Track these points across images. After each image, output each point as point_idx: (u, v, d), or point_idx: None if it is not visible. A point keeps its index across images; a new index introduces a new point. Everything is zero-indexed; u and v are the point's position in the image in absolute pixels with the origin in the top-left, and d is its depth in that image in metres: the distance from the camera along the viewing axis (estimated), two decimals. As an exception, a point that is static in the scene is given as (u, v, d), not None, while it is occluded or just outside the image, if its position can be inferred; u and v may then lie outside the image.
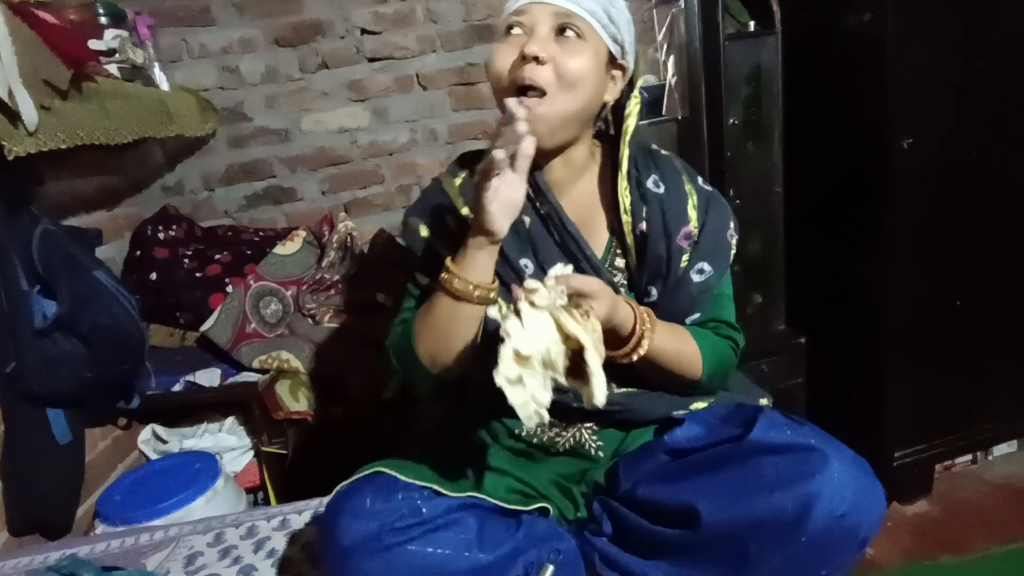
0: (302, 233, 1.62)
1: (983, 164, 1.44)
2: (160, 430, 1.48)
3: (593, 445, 0.89)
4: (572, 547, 0.84)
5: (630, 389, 0.88)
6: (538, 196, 0.87)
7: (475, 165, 0.87)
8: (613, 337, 0.78)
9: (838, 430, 0.76)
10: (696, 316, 0.87)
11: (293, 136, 1.79)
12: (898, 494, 1.55)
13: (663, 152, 0.93)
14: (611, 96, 0.87)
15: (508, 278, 0.84)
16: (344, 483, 0.79)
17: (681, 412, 0.87)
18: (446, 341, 0.80)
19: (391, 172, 1.86)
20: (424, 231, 0.90)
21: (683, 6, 1.56)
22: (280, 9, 1.72)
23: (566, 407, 0.84)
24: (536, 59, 0.77)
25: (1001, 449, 1.67)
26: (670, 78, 1.62)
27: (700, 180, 0.92)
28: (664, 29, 1.63)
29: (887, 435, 1.52)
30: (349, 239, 1.60)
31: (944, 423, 1.55)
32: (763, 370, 1.60)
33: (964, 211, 1.45)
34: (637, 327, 0.79)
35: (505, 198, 0.73)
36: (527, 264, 0.87)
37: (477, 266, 0.77)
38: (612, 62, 0.85)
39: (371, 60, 1.79)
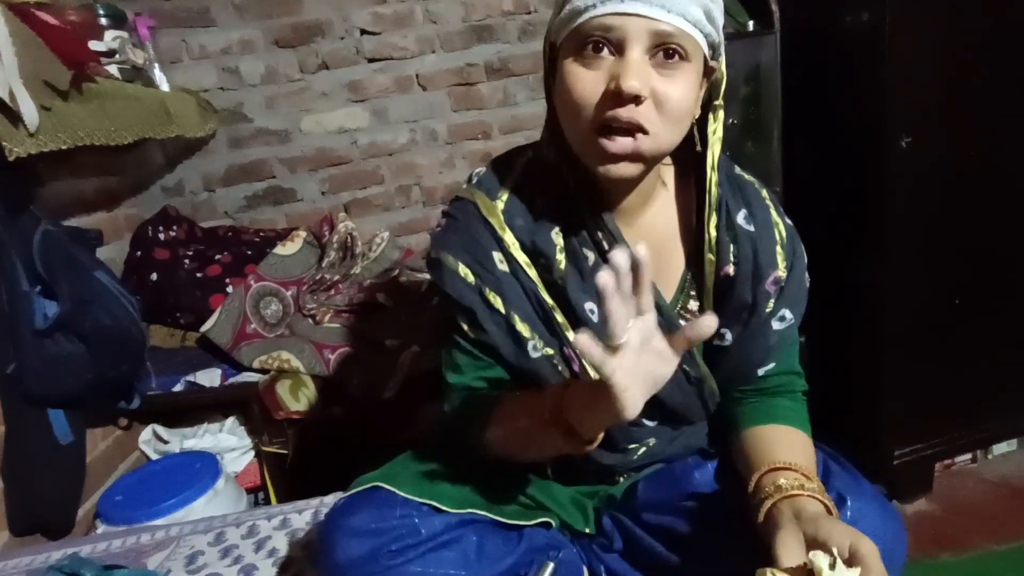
0: (302, 233, 1.62)
1: (982, 162, 1.44)
2: (161, 430, 1.48)
3: (623, 476, 0.86)
4: (571, 557, 0.82)
5: (668, 439, 0.82)
6: (601, 231, 0.73)
7: (517, 177, 0.76)
8: None
9: (838, 429, 0.76)
10: (770, 367, 0.77)
11: (293, 137, 1.80)
12: (898, 492, 1.55)
13: (746, 176, 0.79)
14: (697, 110, 0.71)
15: (571, 324, 0.74)
16: (341, 497, 0.76)
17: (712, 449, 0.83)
18: (530, 452, 0.73)
19: (391, 172, 1.86)
20: (467, 273, 0.73)
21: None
22: (280, 10, 1.72)
23: (611, 467, 0.81)
24: (637, 101, 0.62)
25: (1001, 448, 1.68)
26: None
27: (782, 211, 0.79)
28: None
29: (887, 433, 1.53)
30: (349, 239, 1.61)
31: (944, 422, 1.56)
32: (762, 369, 1.60)
33: (963, 209, 1.45)
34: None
35: (647, 374, 0.55)
36: (593, 309, 0.73)
37: (594, 428, 0.62)
38: (705, 68, 0.68)
39: (371, 61, 1.79)
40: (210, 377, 1.41)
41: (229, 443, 1.46)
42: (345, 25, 1.76)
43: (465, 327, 0.75)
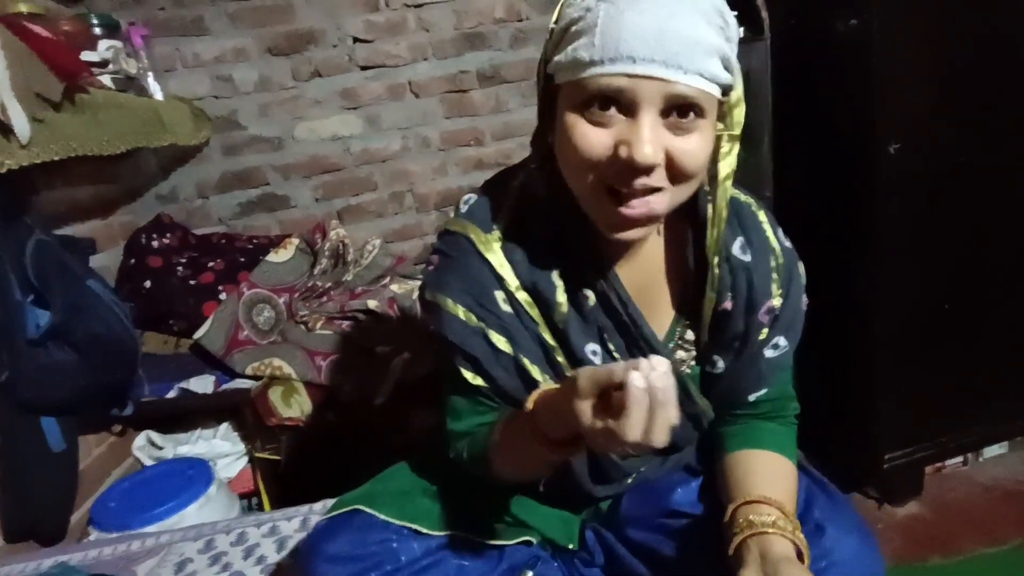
0: (295, 240, 1.63)
1: (971, 168, 1.45)
2: (155, 436, 1.49)
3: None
4: (552, 570, 0.82)
5: (659, 464, 0.82)
6: (595, 269, 0.70)
7: (511, 208, 0.71)
8: None
9: (829, 433, 0.77)
10: (762, 392, 0.75)
11: (286, 144, 1.81)
12: (888, 495, 1.55)
13: (742, 197, 0.74)
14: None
15: (570, 365, 0.72)
16: (321, 520, 0.76)
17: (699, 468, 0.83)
18: (531, 469, 0.71)
19: (384, 179, 1.87)
20: (469, 317, 0.69)
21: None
22: (273, 18, 1.74)
23: (602, 498, 0.81)
24: (649, 170, 0.57)
25: (992, 451, 1.68)
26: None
27: (780, 232, 0.75)
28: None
29: (877, 437, 1.53)
30: (341, 246, 1.61)
31: (934, 425, 1.56)
32: (754, 373, 1.61)
33: (953, 214, 1.46)
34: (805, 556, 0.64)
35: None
36: (595, 351, 0.71)
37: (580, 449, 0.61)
38: (719, 110, 0.62)
39: (363, 68, 1.80)
40: (203, 384, 1.42)
41: (222, 449, 1.47)
42: (338, 33, 1.77)
43: (468, 374, 0.70)
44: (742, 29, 1.61)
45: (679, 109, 0.57)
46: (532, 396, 0.63)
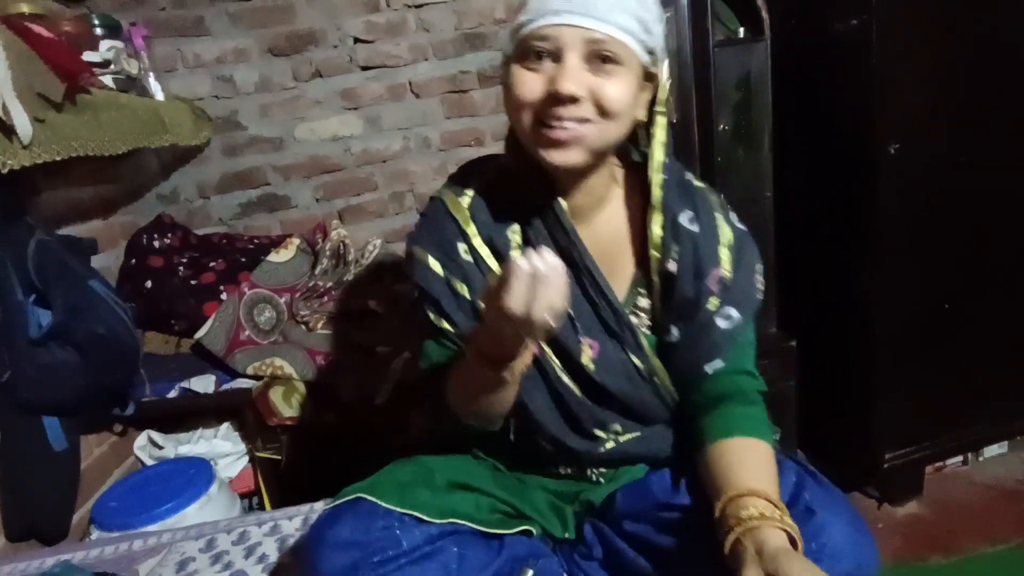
0: (296, 240, 1.63)
1: (971, 168, 1.45)
2: (156, 436, 1.49)
3: (596, 474, 0.88)
4: (552, 565, 0.83)
5: (636, 435, 0.84)
6: (557, 228, 0.78)
7: (482, 179, 0.82)
8: None
9: (829, 432, 0.77)
10: (717, 363, 0.79)
11: (287, 144, 1.81)
12: (888, 495, 1.56)
13: (696, 183, 0.83)
14: (642, 113, 0.77)
15: None
16: (325, 509, 0.78)
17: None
18: (476, 395, 0.76)
19: (384, 179, 1.88)
20: (435, 265, 0.79)
21: (673, 13, 1.58)
22: (273, 19, 1.74)
23: (580, 455, 0.84)
24: (573, 100, 0.68)
25: (992, 450, 1.68)
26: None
27: (733, 216, 0.83)
28: (659, 33, 1.64)
29: (878, 437, 1.53)
30: (342, 246, 1.62)
31: (934, 424, 1.56)
32: (754, 373, 1.61)
33: (952, 214, 1.46)
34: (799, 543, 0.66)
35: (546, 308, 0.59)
36: None
37: (514, 349, 0.67)
38: (644, 73, 0.74)
39: (364, 69, 1.80)
40: (204, 383, 1.42)
41: (223, 449, 1.47)
42: (338, 34, 1.77)
43: (432, 316, 0.80)
44: (742, 30, 1.61)
45: (600, 56, 0.68)
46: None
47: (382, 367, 1.42)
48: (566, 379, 0.80)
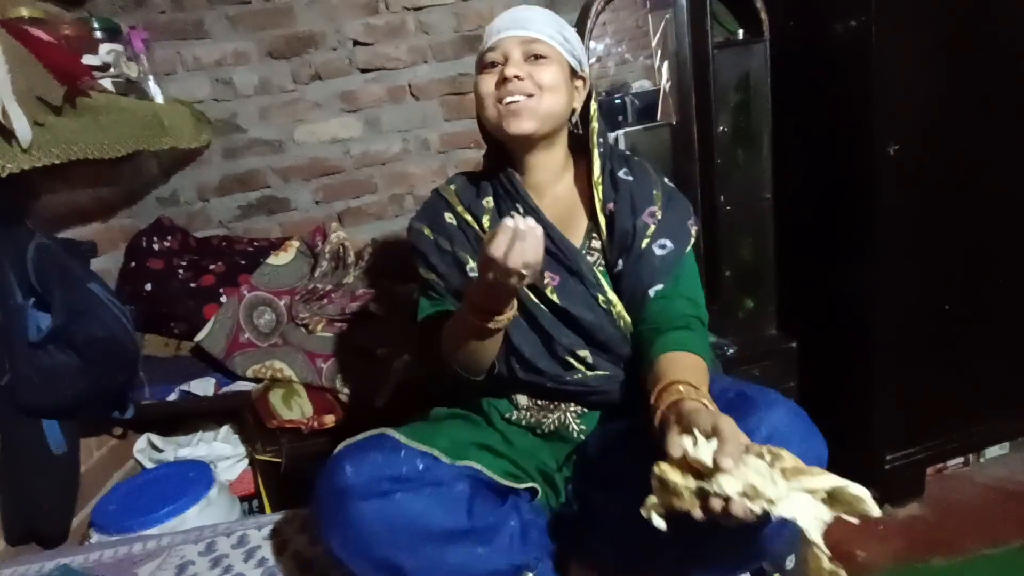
0: (295, 243, 1.63)
1: (970, 168, 1.45)
2: (156, 439, 1.49)
3: (576, 428, 0.96)
4: (544, 525, 0.90)
5: (602, 372, 0.94)
6: (518, 198, 0.99)
7: (468, 173, 1.08)
8: None
9: (829, 433, 0.78)
10: (659, 287, 0.92)
11: (286, 147, 1.81)
12: (889, 497, 1.55)
13: (636, 158, 1.04)
14: (578, 103, 1.00)
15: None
16: (346, 443, 0.84)
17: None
18: (467, 344, 0.89)
19: (384, 181, 1.88)
20: (427, 231, 1.01)
21: (672, 14, 1.58)
22: (273, 22, 1.74)
23: (551, 389, 0.94)
24: (517, 77, 0.91)
25: (993, 451, 1.68)
26: (664, 83, 1.64)
27: (666, 179, 1.02)
28: (659, 35, 1.64)
29: (878, 438, 1.53)
30: (342, 249, 1.62)
31: (935, 425, 1.56)
32: (755, 374, 1.61)
33: (952, 215, 1.46)
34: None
35: (527, 261, 0.73)
36: None
37: (501, 302, 0.81)
38: (574, 74, 0.98)
39: (363, 71, 1.80)
40: (204, 386, 1.42)
41: (223, 452, 1.47)
42: (338, 36, 1.78)
43: (422, 270, 1.01)
44: (741, 31, 1.61)
45: (534, 55, 0.93)
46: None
47: (382, 369, 1.42)
48: (538, 302, 0.95)
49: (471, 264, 0.97)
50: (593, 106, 1.01)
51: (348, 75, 1.80)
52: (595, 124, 1.01)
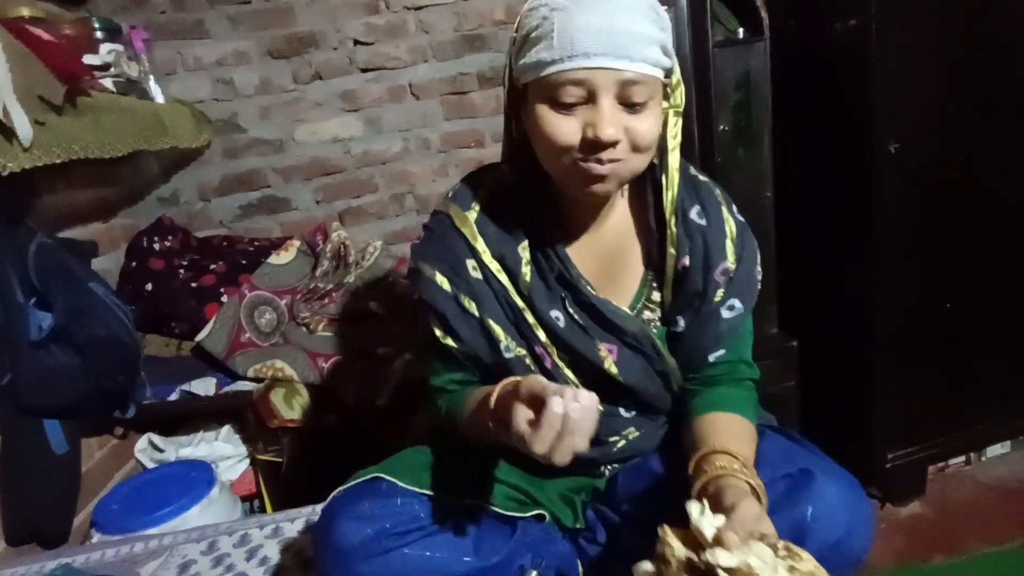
0: (296, 243, 1.63)
1: (971, 167, 1.45)
2: (157, 439, 1.49)
3: (607, 471, 0.90)
4: (566, 550, 0.85)
5: (644, 432, 0.86)
6: (555, 255, 0.81)
7: (487, 191, 0.82)
8: None
9: (831, 432, 0.78)
10: (720, 353, 0.82)
11: (287, 146, 1.81)
12: (891, 495, 1.55)
13: (701, 177, 0.85)
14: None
15: (540, 325, 0.80)
16: (341, 488, 0.78)
17: None
18: (487, 443, 0.77)
19: (384, 181, 1.88)
20: (443, 282, 0.79)
21: (672, 13, 1.58)
22: (273, 21, 1.74)
23: (594, 460, 0.86)
24: (613, 145, 0.69)
25: (994, 450, 1.68)
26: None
27: (734, 208, 0.85)
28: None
29: (879, 437, 1.53)
30: (343, 248, 1.62)
31: (936, 424, 1.56)
32: (755, 374, 1.61)
33: (953, 213, 1.46)
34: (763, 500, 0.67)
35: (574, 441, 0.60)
36: (558, 316, 0.80)
37: None
38: (664, 91, 0.75)
39: (364, 71, 1.81)
40: (205, 386, 1.42)
41: (224, 451, 1.47)
42: (338, 36, 1.78)
43: (438, 332, 0.81)
44: (741, 30, 1.61)
45: (632, 98, 0.68)
46: (499, 384, 0.69)
47: (383, 369, 1.42)
48: (591, 378, 0.81)
49: (505, 343, 0.79)
50: (672, 123, 0.77)
51: (348, 75, 1.80)
52: (675, 152, 0.79)
